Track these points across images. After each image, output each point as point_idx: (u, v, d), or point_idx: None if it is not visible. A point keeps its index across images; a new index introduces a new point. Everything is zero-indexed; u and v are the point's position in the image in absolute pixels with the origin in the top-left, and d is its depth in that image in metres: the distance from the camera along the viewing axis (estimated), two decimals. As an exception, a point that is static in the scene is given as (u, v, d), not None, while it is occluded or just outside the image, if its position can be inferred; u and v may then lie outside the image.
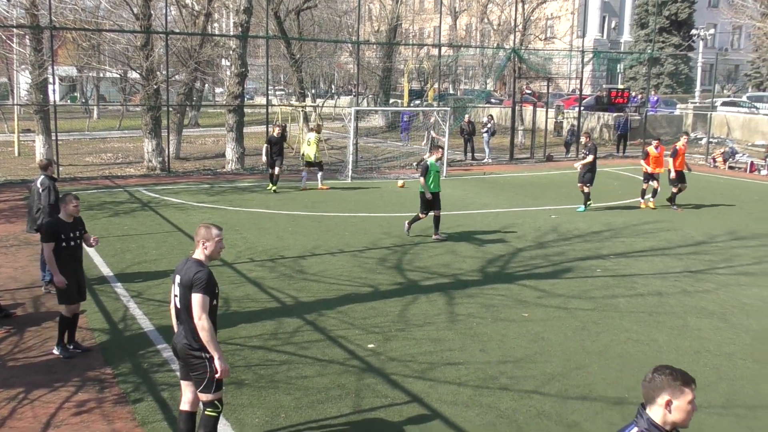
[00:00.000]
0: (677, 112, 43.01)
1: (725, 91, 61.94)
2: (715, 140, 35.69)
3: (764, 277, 13.06)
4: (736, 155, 30.56)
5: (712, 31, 61.62)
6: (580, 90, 34.74)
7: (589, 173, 19.14)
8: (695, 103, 46.08)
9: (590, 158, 18.98)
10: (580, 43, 38.00)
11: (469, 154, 31.13)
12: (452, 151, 30.01)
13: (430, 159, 15.91)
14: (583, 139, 20.78)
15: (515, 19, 35.28)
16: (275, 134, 22.09)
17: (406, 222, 16.02)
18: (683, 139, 20.33)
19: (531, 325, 10.34)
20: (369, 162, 28.82)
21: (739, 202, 21.20)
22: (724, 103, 43.88)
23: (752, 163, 29.10)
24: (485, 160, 30.52)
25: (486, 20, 49.12)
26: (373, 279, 12.57)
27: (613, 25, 72.10)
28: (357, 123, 27.47)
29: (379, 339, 9.70)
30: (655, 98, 45.05)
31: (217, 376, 6.08)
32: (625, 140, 34.00)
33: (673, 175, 19.56)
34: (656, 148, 19.86)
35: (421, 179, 15.50)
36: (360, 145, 30.32)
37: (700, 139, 37.02)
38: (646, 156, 19.97)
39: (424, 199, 15.53)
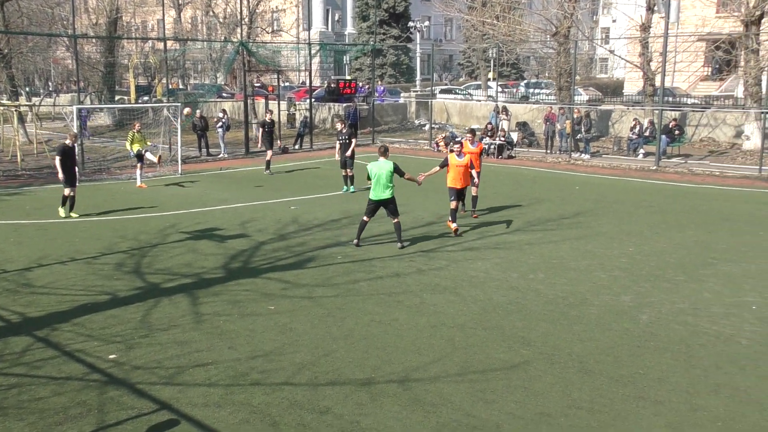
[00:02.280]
0: (402, 100, 45.46)
1: (443, 80, 66.56)
2: (437, 126, 38.18)
3: (487, 251, 14.24)
4: (456, 139, 32.86)
5: (427, 23, 65.73)
6: (310, 82, 35.47)
7: (350, 159, 21.11)
8: (417, 91, 48.98)
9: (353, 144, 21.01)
10: (307, 36, 38.79)
11: (204, 150, 30.56)
12: (186, 148, 29.28)
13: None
14: (339, 126, 22.11)
15: (241, 12, 35.11)
16: None
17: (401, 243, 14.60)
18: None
19: (278, 318, 10.40)
20: (98, 163, 27.26)
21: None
22: (442, 91, 47.12)
23: (446, 139, 31.42)
24: (221, 156, 30.12)
25: (211, 13, 48.39)
26: (110, 286, 11.92)
27: (336, 17, 74.44)
28: (82, 122, 25.80)
29: (121, 348, 9.23)
30: (381, 88, 47.24)
31: None
32: (356, 129, 35.27)
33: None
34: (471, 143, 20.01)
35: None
36: (86, 146, 28.58)
37: (424, 125, 39.44)
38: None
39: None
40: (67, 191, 17.42)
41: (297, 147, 32.84)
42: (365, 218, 14.66)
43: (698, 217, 17.59)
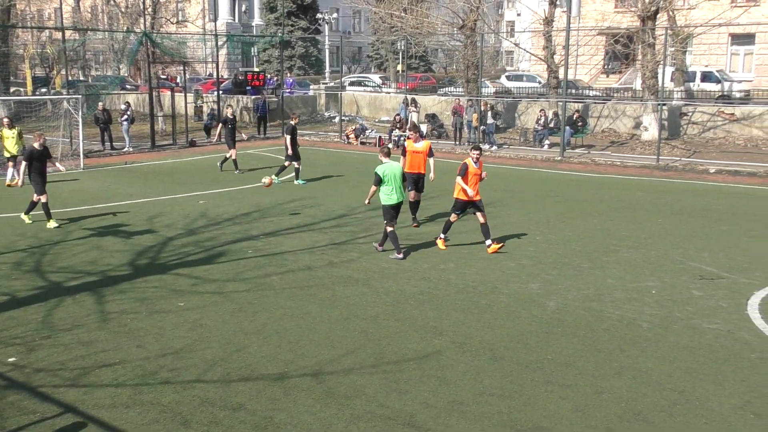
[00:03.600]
0: (311, 92, 45.23)
1: (352, 72, 66.53)
2: (347, 118, 38.18)
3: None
4: (366, 131, 33.02)
5: (335, 15, 65.63)
6: (218, 74, 34.87)
7: (296, 149, 20.95)
8: (326, 83, 48.83)
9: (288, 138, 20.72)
10: (213, 27, 38.09)
11: (108, 144, 29.63)
12: (89, 141, 28.33)
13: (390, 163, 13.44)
14: (293, 121, 21.79)
15: (144, 2, 34.16)
16: None
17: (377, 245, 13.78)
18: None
19: (188, 314, 10.20)
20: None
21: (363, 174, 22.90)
22: (352, 83, 47.11)
23: (380, 138, 31.65)
24: (125, 149, 29.26)
25: (113, 2, 46.89)
26: (8, 286, 11.43)
27: (243, 8, 73.34)
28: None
29: (21, 351, 8.86)
30: (290, 80, 46.87)
31: None
32: (265, 122, 34.93)
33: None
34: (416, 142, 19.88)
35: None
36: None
37: (334, 117, 39.37)
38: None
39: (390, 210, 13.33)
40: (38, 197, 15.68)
41: (205, 140, 32.22)
42: (392, 227, 13.30)
43: (601, 206, 18.18)
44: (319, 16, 61.08)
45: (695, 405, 7.59)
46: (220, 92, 35.41)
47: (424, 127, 32.12)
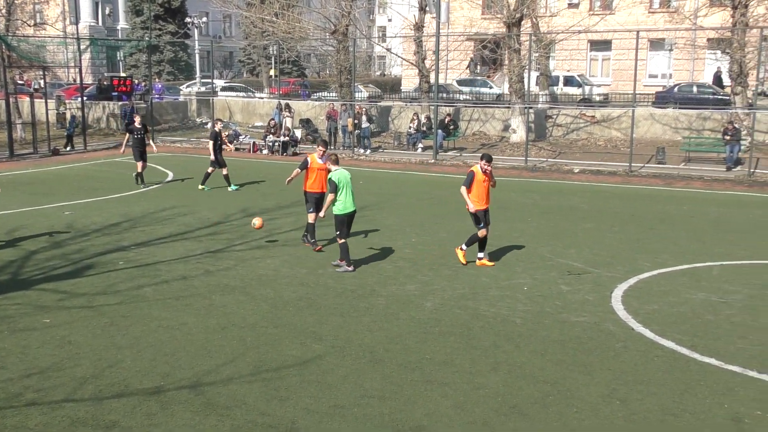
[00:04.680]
0: (182, 98, 44.17)
1: (224, 77, 65.44)
2: (222, 124, 37.46)
3: (275, 249, 14.20)
4: (240, 137, 32.55)
5: (205, 19, 64.32)
6: (81, 79, 33.47)
7: (219, 156, 20.68)
8: (197, 89, 47.81)
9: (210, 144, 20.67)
10: (75, 30, 36.55)
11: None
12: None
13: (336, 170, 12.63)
14: (217, 126, 21.78)
15: (-1, 3, 32.37)
16: None
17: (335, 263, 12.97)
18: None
19: (55, 331, 9.71)
20: None
21: (247, 181, 22.62)
22: (224, 88, 46.33)
23: (254, 144, 31.30)
24: (-18, 159, 27.60)
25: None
26: None
27: (107, 11, 70.70)
28: None
29: None
30: (159, 85, 45.61)
31: None
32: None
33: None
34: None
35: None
36: None
37: (206, 123, 38.58)
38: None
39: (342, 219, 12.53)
40: None
41: (68, 148, 30.81)
42: (344, 240, 12.63)
43: (473, 207, 18.63)
44: (188, 20, 59.55)
45: (566, 395, 7.91)
46: (84, 98, 34.01)
47: (298, 133, 32.01)
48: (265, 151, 30.38)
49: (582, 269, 12.87)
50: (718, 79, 39.14)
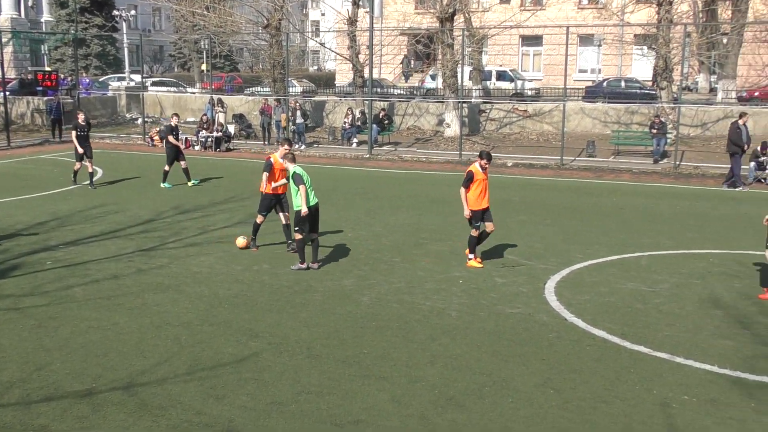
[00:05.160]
0: (110, 93, 43.16)
1: (154, 72, 64.23)
2: (150, 119, 36.82)
3: (209, 246, 14.01)
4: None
5: (133, 12, 62.97)
6: (3, 73, 32.35)
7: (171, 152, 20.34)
8: (127, 83, 46.79)
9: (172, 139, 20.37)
10: (-3, 23, 35.31)
11: None
12: None
13: (295, 167, 12.40)
14: (173, 121, 21.24)
15: None
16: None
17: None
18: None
19: (-20, 334, 9.39)
20: None
21: (180, 177, 22.24)
22: (154, 83, 45.44)
23: (187, 139, 30.77)
24: None
25: None
26: None
27: (30, 3, 68.48)
28: None
29: None
30: (87, 80, 44.46)
31: None
32: (60, 125, 32.83)
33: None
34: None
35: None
36: None
37: (136, 119, 37.81)
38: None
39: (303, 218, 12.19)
40: None
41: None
42: (301, 236, 12.34)
43: (409, 201, 18.76)
44: (115, 12, 58.22)
45: (502, 386, 8.02)
46: (7, 93, 32.93)
47: (231, 128, 31.63)
48: (197, 147, 29.92)
49: (516, 261, 13.06)
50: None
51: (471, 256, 12.81)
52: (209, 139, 29.76)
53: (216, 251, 13.59)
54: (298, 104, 31.14)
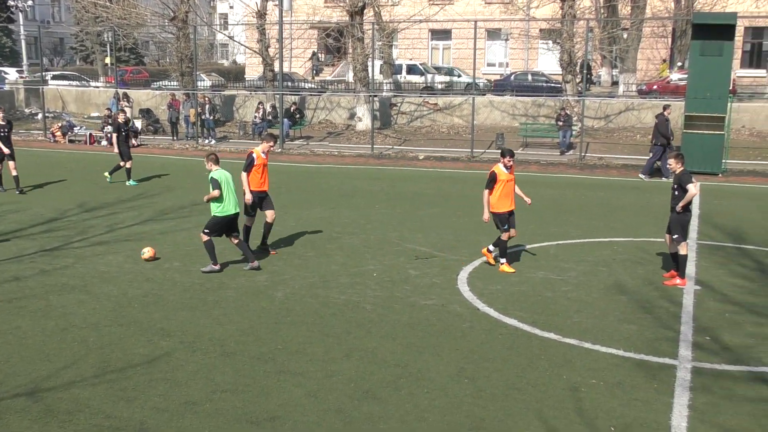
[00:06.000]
0: (7, 87, 41.40)
1: (55, 65, 61.91)
2: (51, 114, 35.52)
3: (117, 244, 13.62)
4: (75, 128, 30.95)
5: (30, 2, 60.55)
6: None
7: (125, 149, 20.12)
8: (25, 77, 44.96)
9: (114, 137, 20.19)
10: None
11: None
12: None
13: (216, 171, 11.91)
14: (121, 117, 20.78)
15: None
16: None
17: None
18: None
19: None
20: None
21: (84, 174, 21.57)
22: (55, 77, 43.81)
23: (91, 135, 29.85)
24: None
25: None
26: None
27: None
28: None
29: None
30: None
31: None
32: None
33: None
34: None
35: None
36: None
37: (36, 114, 36.39)
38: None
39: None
40: None
41: None
42: (209, 237, 11.84)
43: (322, 195, 18.71)
44: (11, 3, 55.82)
45: (417, 377, 8.09)
46: None
47: (138, 123, 30.82)
48: (103, 143, 29.02)
49: (429, 253, 13.20)
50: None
51: (502, 260, 12.19)
52: (109, 135, 28.88)
53: (124, 249, 13.22)
54: (207, 98, 30.59)
